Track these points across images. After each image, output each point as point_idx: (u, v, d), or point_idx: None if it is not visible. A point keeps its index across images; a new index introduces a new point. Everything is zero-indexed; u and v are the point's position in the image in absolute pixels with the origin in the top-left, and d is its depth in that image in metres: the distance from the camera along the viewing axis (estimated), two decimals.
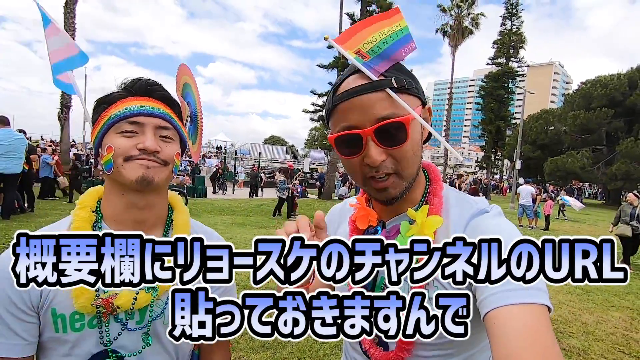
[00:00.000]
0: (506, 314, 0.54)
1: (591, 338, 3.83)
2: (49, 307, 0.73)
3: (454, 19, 33.29)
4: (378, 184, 0.69)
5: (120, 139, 0.76)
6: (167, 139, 0.81)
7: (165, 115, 0.81)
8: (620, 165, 24.28)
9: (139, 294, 0.77)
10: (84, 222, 0.79)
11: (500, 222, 0.69)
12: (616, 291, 5.59)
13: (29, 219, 7.23)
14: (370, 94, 0.66)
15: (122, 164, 0.75)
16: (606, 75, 28.65)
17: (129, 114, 0.77)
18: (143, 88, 0.81)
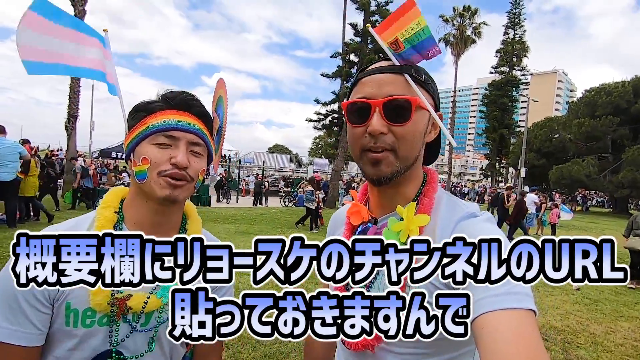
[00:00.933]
0: (493, 320, 0.54)
1: (600, 349, 3.75)
2: (64, 300, 0.76)
3: (456, 28, 33.54)
4: (373, 156, 0.72)
5: (155, 150, 0.80)
6: (197, 154, 0.85)
7: (199, 132, 0.84)
8: (626, 173, 24.05)
9: (150, 298, 0.81)
10: (107, 221, 0.82)
11: (488, 226, 0.69)
12: (625, 301, 5.48)
13: (35, 227, 7.28)
14: (390, 74, 0.73)
15: (155, 178, 0.79)
16: (610, 83, 28.61)
17: (166, 127, 0.80)
18: (183, 102, 0.84)
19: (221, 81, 1.05)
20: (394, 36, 0.74)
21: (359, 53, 17.88)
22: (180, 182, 0.81)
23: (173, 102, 0.84)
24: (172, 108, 0.83)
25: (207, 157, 0.90)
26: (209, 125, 0.90)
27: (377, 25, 0.80)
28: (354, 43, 18.11)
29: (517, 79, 40.14)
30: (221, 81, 1.05)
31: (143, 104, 0.85)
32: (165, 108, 0.83)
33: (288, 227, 10.41)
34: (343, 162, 19.48)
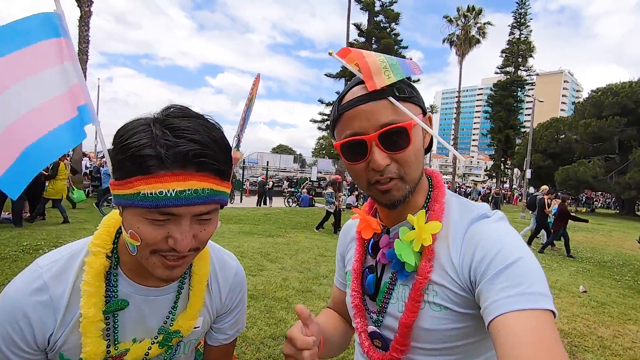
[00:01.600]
0: (511, 322, 0.54)
1: (607, 353, 3.70)
2: (57, 351, 0.72)
3: (461, 28, 33.40)
4: (382, 187, 0.71)
5: (148, 228, 0.61)
6: (205, 220, 0.66)
7: (210, 197, 0.62)
8: (633, 174, 23.79)
9: (151, 349, 0.77)
10: (96, 275, 0.71)
11: (500, 226, 0.69)
12: (633, 304, 5.41)
13: (41, 227, 7.34)
14: (373, 102, 0.69)
15: (147, 256, 0.65)
16: (617, 83, 28.35)
17: (163, 203, 0.58)
18: (188, 160, 0.59)
19: (258, 78, 0.94)
20: (356, 61, 0.73)
21: None
22: (181, 262, 0.67)
23: (173, 161, 0.58)
24: (171, 169, 0.58)
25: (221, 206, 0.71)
26: (226, 174, 0.67)
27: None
28: (359, 43, 18.09)
29: (523, 79, 39.84)
30: (258, 78, 0.94)
31: (131, 152, 0.58)
32: (162, 169, 0.58)
33: (292, 227, 10.40)
34: None
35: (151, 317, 0.77)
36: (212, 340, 0.93)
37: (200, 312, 0.83)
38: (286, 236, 8.80)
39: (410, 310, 0.70)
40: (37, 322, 0.67)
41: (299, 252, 7.06)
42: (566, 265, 7.97)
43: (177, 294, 0.80)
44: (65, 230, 7.20)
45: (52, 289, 0.69)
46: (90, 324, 0.69)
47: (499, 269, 0.60)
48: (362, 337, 0.80)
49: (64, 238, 6.41)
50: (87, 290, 0.70)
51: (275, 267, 5.77)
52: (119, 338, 0.74)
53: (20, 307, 0.66)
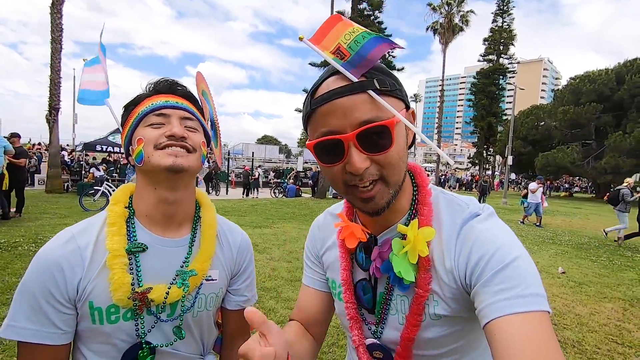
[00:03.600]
0: (506, 325, 0.53)
1: (585, 329, 3.87)
2: (87, 300, 0.76)
3: (444, 16, 33.47)
4: (363, 194, 0.64)
5: (149, 130, 0.80)
6: (191, 129, 0.85)
7: (188, 108, 0.86)
8: (609, 159, 24.67)
9: (171, 289, 0.82)
10: (118, 217, 0.82)
11: (493, 224, 0.67)
12: (608, 283, 5.67)
13: (19, 223, 7.10)
14: (352, 96, 0.61)
15: (152, 152, 0.78)
16: (594, 70, 29.08)
17: (155, 107, 0.81)
18: (167, 86, 0.86)
19: (200, 75, 1.04)
20: (336, 43, 0.64)
21: None
22: (182, 151, 0.80)
23: (158, 87, 0.86)
24: (157, 93, 0.85)
25: (205, 136, 0.90)
26: (197, 107, 0.91)
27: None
28: None
29: (505, 67, 40.40)
30: (200, 75, 1.04)
31: (131, 100, 0.87)
32: (152, 94, 0.85)
33: (279, 218, 10.39)
34: None
35: (168, 265, 0.84)
36: (232, 304, 0.97)
37: (213, 263, 0.89)
38: (273, 227, 8.78)
39: (412, 325, 0.69)
40: (68, 269, 0.75)
41: (287, 242, 7.07)
42: (546, 247, 8.26)
43: (190, 243, 0.88)
44: (45, 226, 6.98)
45: (79, 239, 0.78)
46: (116, 257, 0.77)
47: (495, 271, 0.58)
48: (360, 351, 0.76)
49: (44, 234, 6.23)
50: (111, 230, 0.80)
51: (264, 258, 5.77)
52: (142, 278, 0.80)
53: (53, 257, 0.75)
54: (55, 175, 12.99)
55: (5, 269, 4.39)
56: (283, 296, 4.19)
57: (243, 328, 1.00)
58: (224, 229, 0.98)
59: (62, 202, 10.60)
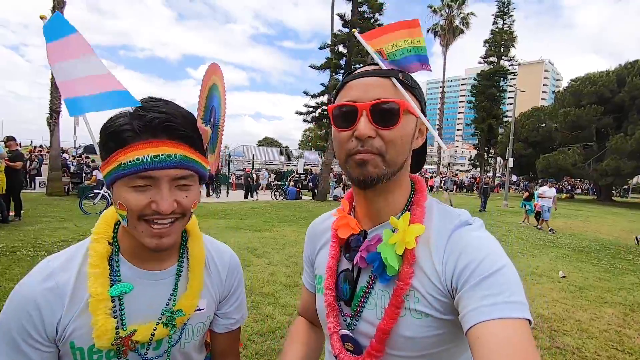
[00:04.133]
0: (490, 329, 0.55)
1: (585, 335, 3.84)
2: (67, 340, 0.73)
3: (445, 19, 33.51)
4: (359, 156, 0.69)
5: (132, 195, 0.69)
6: (185, 187, 0.74)
7: (183, 162, 0.71)
8: (610, 162, 24.59)
9: (157, 329, 0.79)
10: (101, 259, 0.77)
11: (482, 234, 0.70)
12: (609, 287, 5.64)
13: (18, 227, 7.10)
14: (377, 78, 0.71)
15: (136, 224, 0.71)
16: (595, 72, 29.00)
17: (141, 168, 0.67)
18: (158, 128, 0.69)
19: (214, 66, 0.90)
20: (378, 47, 0.75)
21: (347, 44, 17.72)
22: (167, 229, 0.72)
23: (145, 130, 0.68)
24: (144, 138, 0.68)
25: (200, 179, 0.79)
26: (196, 143, 0.76)
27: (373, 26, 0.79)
28: (343, 34, 17.92)
29: (505, 69, 40.31)
30: (214, 66, 0.90)
31: (111, 130, 0.70)
32: (137, 139, 0.68)
33: (279, 221, 10.37)
34: (333, 154, 19.34)
35: (154, 301, 0.80)
36: (220, 327, 0.94)
37: (202, 293, 0.86)
38: (273, 230, 8.77)
39: (390, 317, 0.70)
40: (46, 309, 0.71)
41: (286, 246, 7.06)
42: (546, 251, 8.23)
43: (176, 277, 0.84)
44: (44, 230, 6.98)
45: (58, 276, 0.74)
46: (99, 302, 0.73)
47: (481, 277, 0.60)
48: (334, 339, 0.78)
49: (43, 238, 6.23)
50: (93, 272, 0.75)
51: (262, 262, 5.75)
52: (126, 321, 0.77)
53: (31, 295, 0.71)
54: (56, 178, 13.01)
55: (3, 274, 4.38)
56: (281, 302, 4.17)
57: (232, 348, 0.99)
58: (212, 253, 0.94)
59: (62, 205, 10.61)
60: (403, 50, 0.75)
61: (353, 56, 17.31)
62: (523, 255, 7.73)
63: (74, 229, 7.27)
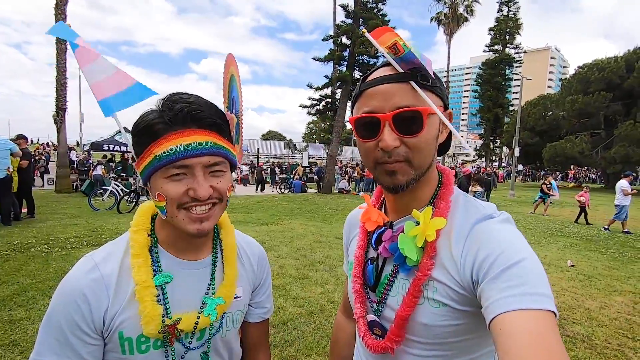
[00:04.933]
0: (512, 320, 0.54)
1: (595, 324, 3.86)
2: (116, 330, 0.75)
3: (449, 7, 32.98)
4: (388, 167, 0.71)
5: (169, 185, 0.73)
6: (218, 172, 0.77)
7: (213, 149, 0.74)
8: (618, 149, 24.28)
9: (200, 319, 0.82)
10: (142, 248, 0.80)
11: (505, 227, 0.69)
12: (618, 276, 5.62)
13: (30, 224, 7.22)
14: (395, 84, 0.70)
15: (176, 213, 0.74)
16: (603, 58, 28.47)
17: (174, 157, 0.71)
18: (187, 118, 0.72)
19: (231, 57, 0.92)
20: (393, 40, 0.70)
21: (350, 35, 17.53)
22: (207, 214, 0.76)
23: (175, 121, 0.72)
24: (175, 129, 0.72)
25: (231, 166, 0.82)
26: (225, 131, 0.79)
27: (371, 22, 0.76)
28: (346, 25, 17.73)
29: (511, 57, 39.78)
30: (231, 57, 0.92)
31: (144, 125, 0.73)
32: (168, 130, 0.72)
33: (286, 214, 10.43)
34: (338, 147, 19.40)
35: (193, 291, 0.83)
36: (254, 316, 0.99)
37: (238, 282, 0.90)
38: (280, 223, 8.83)
39: (407, 305, 0.72)
40: (93, 299, 0.73)
41: (294, 239, 7.11)
42: (554, 240, 8.20)
43: (212, 266, 0.87)
44: (57, 226, 7.10)
45: (102, 268, 0.76)
46: (145, 289, 0.76)
47: (502, 269, 0.60)
48: (360, 323, 0.82)
49: (56, 235, 6.34)
50: (137, 261, 0.78)
51: (271, 255, 5.81)
52: (170, 310, 0.79)
53: (77, 287, 0.73)
54: (64, 175, 13.16)
55: (19, 270, 4.48)
56: (291, 294, 4.22)
57: (264, 339, 1.03)
58: (242, 244, 0.98)
59: (71, 201, 10.75)
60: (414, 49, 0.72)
61: (356, 47, 17.14)
62: (531, 245, 7.61)
63: (85, 225, 7.38)
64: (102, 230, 7.01)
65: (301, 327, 3.43)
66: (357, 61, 17.78)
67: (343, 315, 1.12)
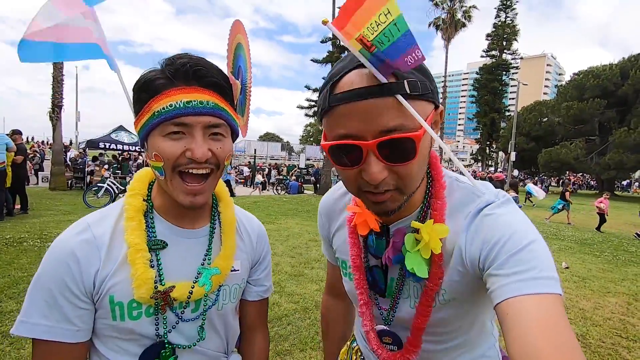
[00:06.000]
0: (519, 305, 0.52)
1: (589, 323, 3.87)
2: (106, 294, 0.72)
3: (447, 12, 33.24)
4: (375, 198, 0.63)
5: (167, 144, 0.69)
6: (218, 135, 0.73)
7: (215, 110, 0.71)
8: (613, 155, 24.54)
9: (194, 288, 0.78)
10: (136, 212, 0.77)
11: (508, 210, 0.65)
12: (612, 278, 5.65)
13: (24, 219, 7.14)
14: (377, 99, 0.55)
15: (171, 176, 0.71)
16: (598, 65, 28.86)
17: (174, 113, 0.67)
18: (189, 74, 0.69)
19: (238, 23, 0.86)
20: (359, 32, 0.54)
21: None
22: (201, 186, 0.73)
23: (177, 76, 0.69)
24: (177, 85, 0.69)
25: (232, 134, 0.79)
26: (228, 94, 0.75)
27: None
28: None
29: (508, 62, 40.11)
30: (238, 23, 0.86)
31: (144, 81, 0.71)
32: (170, 86, 0.69)
33: (282, 214, 10.40)
34: None
35: (189, 259, 0.81)
36: (253, 294, 0.95)
37: (236, 255, 0.87)
38: (276, 223, 8.80)
39: (422, 315, 0.70)
40: (84, 260, 0.71)
41: (290, 237, 7.09)
42: (549, 243, 8.20)
43: (210, 237, 0.84)
44: (50, 222, 7.02)
45: (94, 229, 0.74)
46: (137, 252, 0.73)
47: (510, 254, 0.57)
48: (371, 335, 0.77)
49: (49, 230, 6.27)
50: (130, 225, 0.75)
51: None
52: (164, 276, 0.76)
53: (68, 247, 0.71)
54: (59, 173, 13.04)
55: (11, 264, 4.42)
56: (287, 290, 4.20)
57: (262, 319, 1.00)
58: (241, 218, 0.95)
59: (66, 199, 10.65)
60: (387, 32, 0.53)
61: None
62: None
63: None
64: None
65: (296, 323, 3.41)
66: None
67: (329, 297, 1.09)
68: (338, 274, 0.94)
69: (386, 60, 0.54)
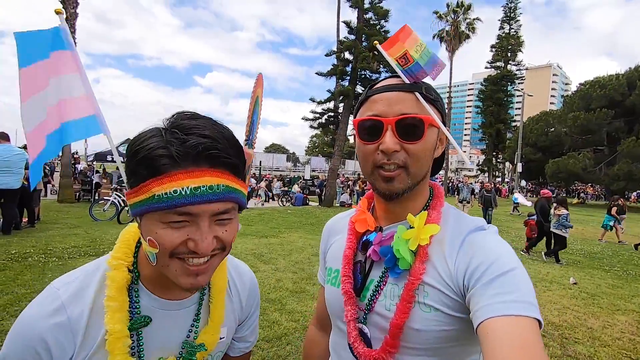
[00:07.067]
0: (500, 325, 0.56)
1: (597, 344, 3.76)
2: None
3: (450, 24, 33.51)
4: (385, 173, 0.73)
5: (166, 232, 0.60)
6: (225, 220, 0.64)
7: (225, 194, 0.61)
8: (622, 166, 24.20)
9: None
10: (119, 290, 0.68)
11: (496, 238, 0.72)
12: (622, 294, 5.51)
13: (30, 234, 7.22)
14: (400, 92, 0.74)
15: (167, 262, 0.62)
16: (605, 75, 28.72)
17: (179, 202, 0.57)
18: (201, 156, 0.59)
19: (261, 78, 0.87)
20: (403, 50, 0.78)
21: (353, 51, 17.79)
22: (204, 266, 0.64)
23: (185, 158, 0.58)
24: (183, 167, 0.58)
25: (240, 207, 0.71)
26: (240, 170, 0.66)
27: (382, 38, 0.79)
28: (348, 41, 18.01)
29: (513, 73, 40.10)
30: (261, 78, 0.87)
31: (142, 155, 0.58)
32: (175, 167, 0.58)
33: (286, 227, 10.38)
34: (340, 160, 19.45)
35: (174, 333, 0.75)
36: (235, 350, 0.91)
37: (223, 322, 0.82)
38: (280, 236, 8.78)
39: (402, 311, 0.71)
40: (56, 347, 0.63)
41: (293, 252, 7.06)
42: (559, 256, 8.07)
43: (198, 306, 0.78)
44: (55, 236, 7.09)
45: (70, 309, 0.65)
46: (117, 340, 0.66)
47: (493, 276, 0.62)
48: (351, 327, 0.78)
49: (54, 245, 6.33)
50: (112, 305, 0.67)
51: (269, 269, 5.76)
52: (144, 357, 0.71)
53: (37, 331, 0.62)
54: (67, 185, 13.22)
55: (15, 280, 4.46)
56: (287, 308, 4.16)
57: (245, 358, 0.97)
58: (233, 274, 0.89)
59: (73, 211, 10.77)
60: (425, 53, 0.78)
61: (359, 63, 17.36)
62: (533, 262, 7.60)
63: (84, 235, 7.37)
64: (101, 240, 6.99)
65: (295, 342, 3.36)
66: (359, 76, 17.96)
67: (316, 329, 1.09)
68: (322, 294, 0.99)
69: (421, 71, 0.77)
